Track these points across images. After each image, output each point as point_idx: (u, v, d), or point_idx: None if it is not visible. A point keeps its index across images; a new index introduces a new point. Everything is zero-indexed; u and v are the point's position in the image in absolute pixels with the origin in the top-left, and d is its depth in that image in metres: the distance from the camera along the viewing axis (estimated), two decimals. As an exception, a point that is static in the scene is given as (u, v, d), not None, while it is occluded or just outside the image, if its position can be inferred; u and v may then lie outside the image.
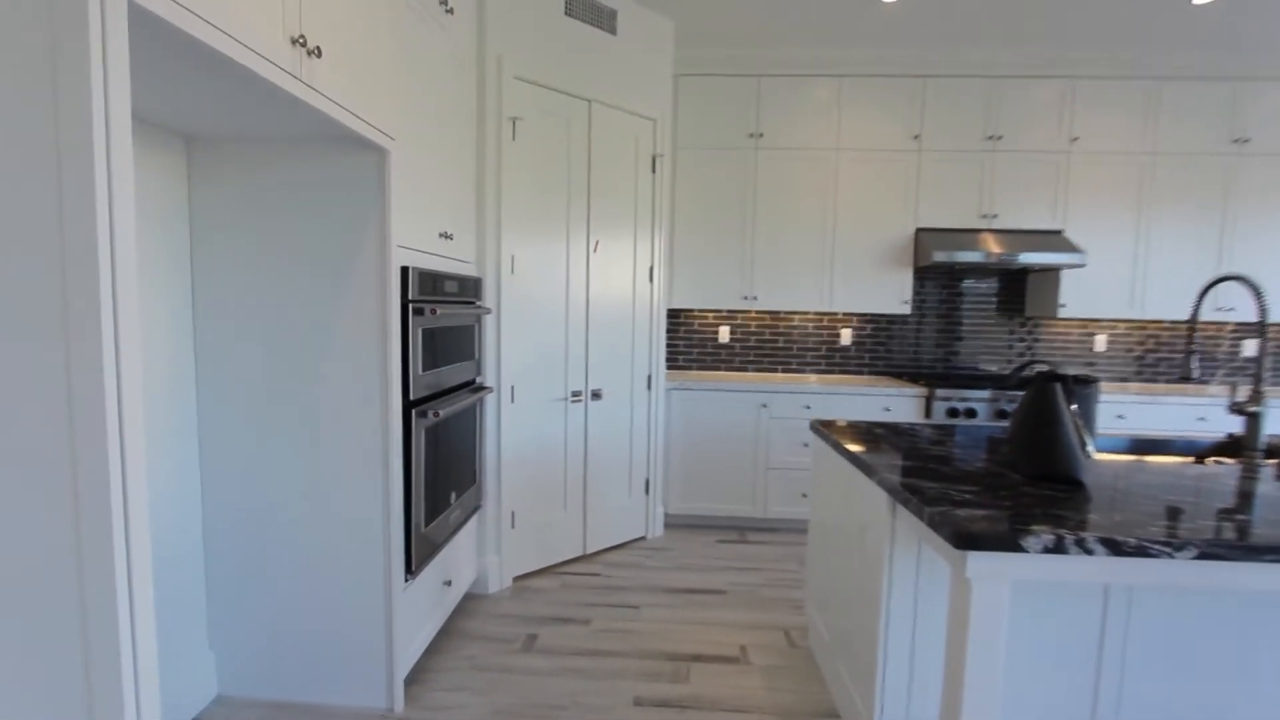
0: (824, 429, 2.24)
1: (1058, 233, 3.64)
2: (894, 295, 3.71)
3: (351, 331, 1.83)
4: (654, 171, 3.24)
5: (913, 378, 3.83)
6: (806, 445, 3.53)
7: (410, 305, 1.90)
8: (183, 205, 1.82)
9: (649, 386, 3.35)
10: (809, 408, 3.53)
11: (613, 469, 3.22)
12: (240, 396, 1.87)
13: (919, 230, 3.68)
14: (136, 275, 0.94)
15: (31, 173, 0.89)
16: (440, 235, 2.17)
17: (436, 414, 1.99)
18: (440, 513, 2.17)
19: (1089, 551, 1.19)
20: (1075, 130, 3.59)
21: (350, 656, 1.92)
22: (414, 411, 1.93)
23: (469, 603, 2.63)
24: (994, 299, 3.98)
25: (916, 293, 3.99)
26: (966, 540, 1.21)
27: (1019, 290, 3.98)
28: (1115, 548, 1.19)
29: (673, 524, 3.65)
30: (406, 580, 1.97)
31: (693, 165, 3.69)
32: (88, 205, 0.88)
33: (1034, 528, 1.23)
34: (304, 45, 1.31)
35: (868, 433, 2.16)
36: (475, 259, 2.59)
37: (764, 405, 3.53)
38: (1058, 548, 1.19)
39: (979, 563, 1.22)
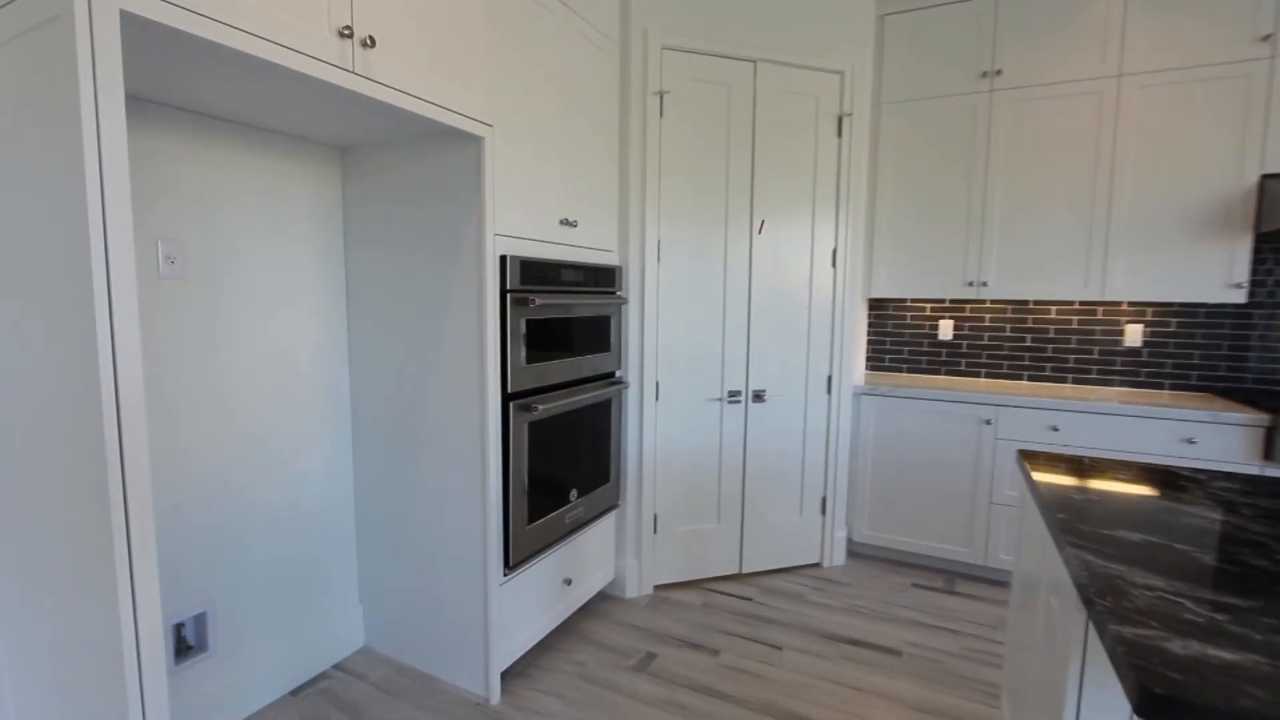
0: (1028, 460, 1.59)
1: None
2: (1214, 275, 2.55)
3: (456, 323, 1.85)
4: (839, 135, 2.73)
5: (1246, 398, 2.61)
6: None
7: (510, 295, 1.84)
8: (338, 210, 2.04)
9: (829, 390, 2.86)
10: (1056, 429, 2.64)
11: (779, 482, 2.83)
12: (377, 383, 2.04)
13: (1265, 178, 2.46)
14: (133, 263, 1.00)
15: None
16: (561, 223, 2.09)
17: (537, 408, 1.92)
18: (553, 509, 2.11)
19: None
20: None
21: (457, 639, 1.97)
22: (513, 405, 1.88)
23: (602, 603, 2.54)
24: None
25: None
26: (1156, 706, 0.66)
27: None
28: None
29: (859, 553, 3.09)
30: (506, 574, 1.94)
31: (899, 122, 3.03)
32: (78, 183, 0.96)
33: (1334, 716, 0.62)
34: (350, 36, 1.31)
35: (1110, 475, 1.46)
36: (616, 246, 2.47)
37: (987, 421, 2.75)
38: (1390, 774, 0.58)
39: (1190, 752, 0.66)
